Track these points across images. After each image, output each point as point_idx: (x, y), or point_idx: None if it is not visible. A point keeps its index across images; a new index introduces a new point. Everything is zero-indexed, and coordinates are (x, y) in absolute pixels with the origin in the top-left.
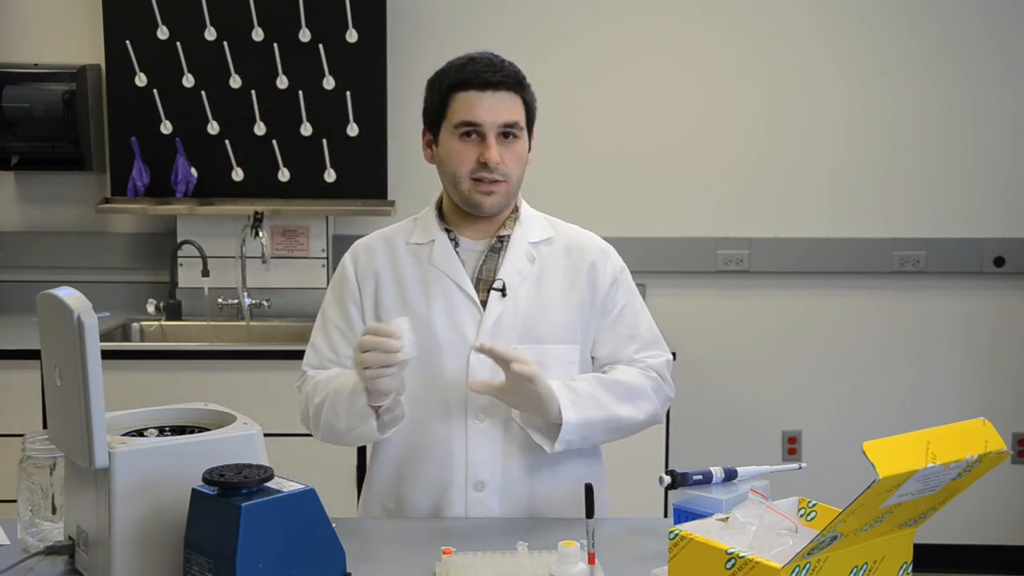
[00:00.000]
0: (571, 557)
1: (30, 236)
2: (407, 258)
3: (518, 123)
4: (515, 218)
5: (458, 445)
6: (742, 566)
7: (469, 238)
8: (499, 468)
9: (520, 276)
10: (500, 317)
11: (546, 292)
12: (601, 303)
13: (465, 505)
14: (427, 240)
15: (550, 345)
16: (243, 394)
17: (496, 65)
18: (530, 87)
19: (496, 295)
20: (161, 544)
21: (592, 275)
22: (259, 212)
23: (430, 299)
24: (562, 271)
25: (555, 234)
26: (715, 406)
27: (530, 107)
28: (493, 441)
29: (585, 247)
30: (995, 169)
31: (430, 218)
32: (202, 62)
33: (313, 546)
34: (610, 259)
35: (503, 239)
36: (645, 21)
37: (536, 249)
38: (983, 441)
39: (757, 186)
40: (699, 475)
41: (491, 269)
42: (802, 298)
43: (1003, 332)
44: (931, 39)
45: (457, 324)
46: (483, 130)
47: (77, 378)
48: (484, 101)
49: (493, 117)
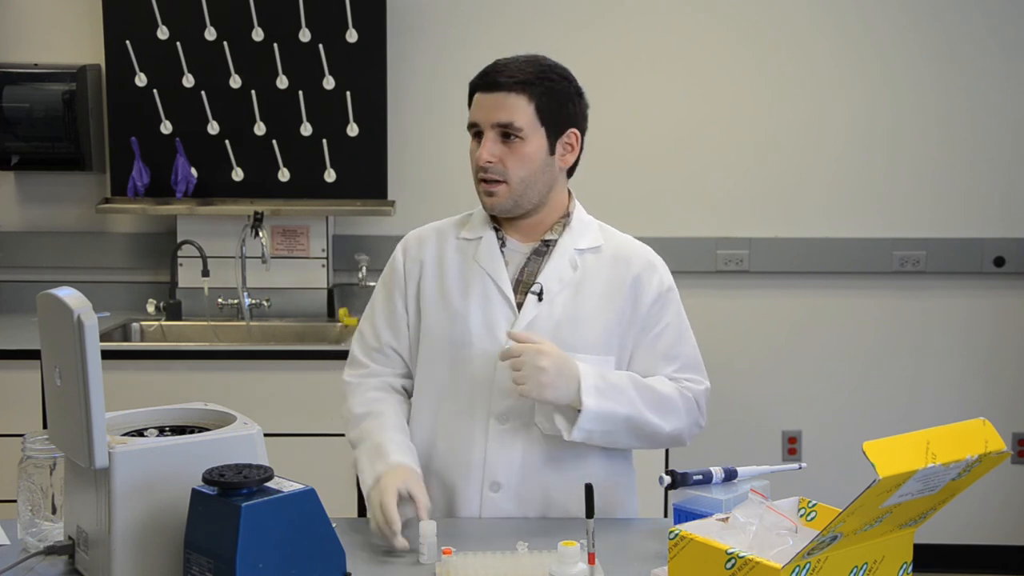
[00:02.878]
0: (571, 557)
1: (30, 236)
2: (454, 252)
3: (513, 123)
4: (565, 223)
5: (478, 445)
6: (742, 566)
7: (516, 239)
8: (517, 471)
9: (560, 282)
10: (534, 321)
11: (585, 300)
12: (643, 318)
13: (480, 505)
14: (475, 236)
15: (583, 354)
16: (243, 394)
17: (506, 66)
18: (553, 88)
19: (532, 299)
20: (161, 544)
21: (635, 288)
22: (259, 212)
23: (468, 295)
24: (605, 281)
25: (604, 243)
26: (715, 406)
27: (546, 108)
28: (513, 444)
29: (632, 259)
30: (995, 169)
31: (481, 214)
32: (202, 62)
33: (313, 546)
34: (657, 274)
35: (549, 243)
36: (645, 21)
37: (581, 257)
38: (983, 441)
39: (757, 186)
40: (699, 475)
41: (532, 272)
42: (802, 298)
43: (1003, 332)
44: (931, 39)
45: (490, 323)
46: (481, 130)
47: (77, 378)
48: (485, 102)
49: (487, 117)
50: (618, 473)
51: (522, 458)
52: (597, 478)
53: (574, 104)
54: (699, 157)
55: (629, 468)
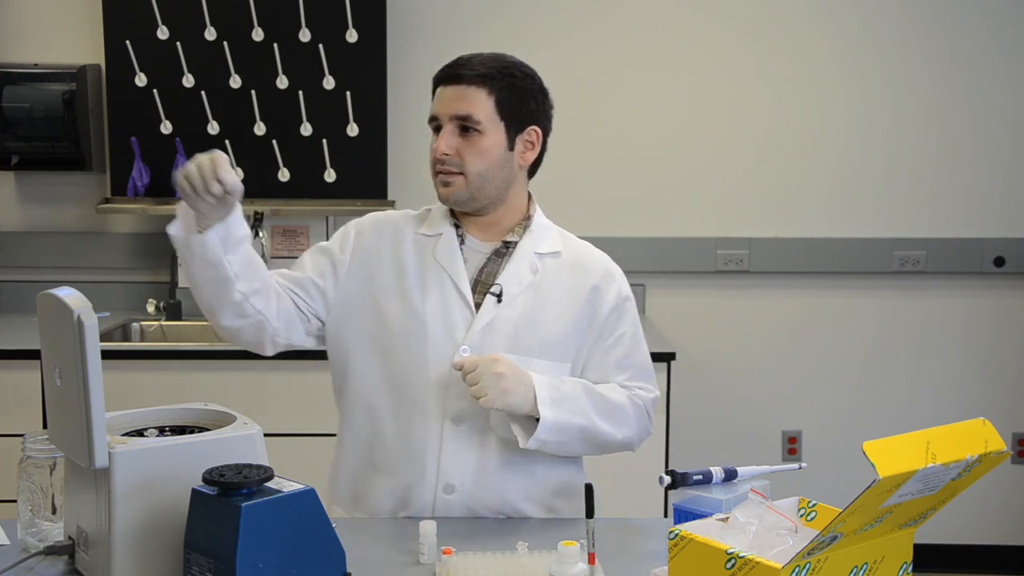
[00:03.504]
0: (571, 557)
1: (30, 236)
2: (411, 246)
3: (472, 116)
4: (525, 226)
5: (432, 447)
6: (742, 566)
7: (475, 237)
8: (471, 474)
9: (520, 285)
10: (491, 322)
11: (543, 305)
12: (599, 327)
13: (433, 507)
14: (435, 233)
15: (538, 360)
16: (243, 394)
17: (468, 60)
18: (515, 83)
19: (491, 300)
20: (161, 544)
21: (594, 297)
22: (259, 212)
23: (425, 292)
24: (563, 287)
25: (564, 249)
26: (715, 406)
27: (507, 103)
28: (469, 447)
29: (591, 267)
30: (995, 169)
31: (442, 211)
32: (202, 62)
33: (313, 546)
34: (616, 283)
35: (509, 245)
36: (645, 21)
37: (541, 261)
38: (983, 441)
39: (757, 186)
40: (699, 475)
41: (491, 273)
42: (802, 298)
43: (1003, 332)
44: (931, 39)
45: (448, 323)
46: (441, 123)
47: (77, 378)
48: (444, 95)
49: (447, 109)
50: (571, 475)
51: (477, 461)
52: (549, 482)
53: (536, 102)
54: (699, 157)
55: (580, 472)
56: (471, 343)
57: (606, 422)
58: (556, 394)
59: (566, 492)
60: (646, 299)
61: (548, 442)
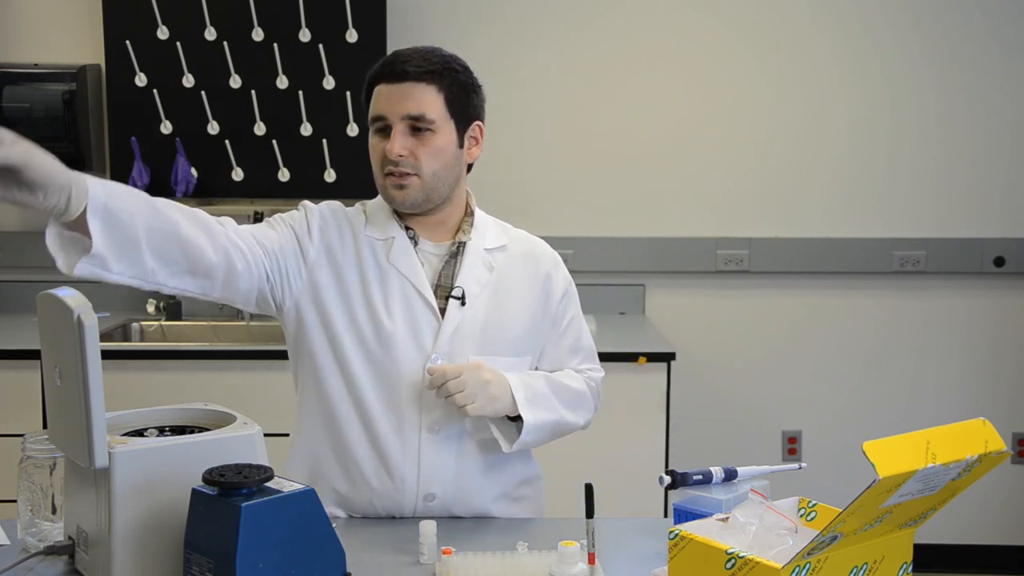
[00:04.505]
0: (571, 557)
1: (30, 236)
2: (366, 250)
3: (424, 115)
4: (470, 223)
5: (411, 457)
6: (742, 566)
7: (427, 239)
8: (451, 481)
9: (478, 284)
10: (459, 327)
11: (504, 302)
12: (552, 314)
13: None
14: (385, 236)
15: (505, 357)
16: (243, 394)
17: (408, 56)
18: (459, 78)
19: (455, 303)
20: (161, 544)
21: (547, 286)
22: (259, 212)
23: (387, 300)
24: (519, 281)
25: (508, 241)
26: (715, 406)
27: (455, 100)
28: (446, 454)
29: (539, 256)
30: (995, 169)
31: (385, 212)
32: (202, 62)
33: (313, 546)
34: (561, 269)
35: (461, 245)
36: (645, 21)
37: (493, 257)
38: (983, 441)
39: (757, 186)
40: (699, 475)
41: (448, 275)
42: (802, 298)
43: (1003, 332)
44: (931, 39)
45: (415, 330)
46: (389, 123)
47: (77, 378)
48: (391, 93)
49: (396, 109)
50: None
51: (456, 468)
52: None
53: (477, 96)
54: (699, 157)
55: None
56: (440, 350)
57: (571, 412)
58: (530, 393)
59: (529, 480)
60: (646, 299)
61: (529, 443)
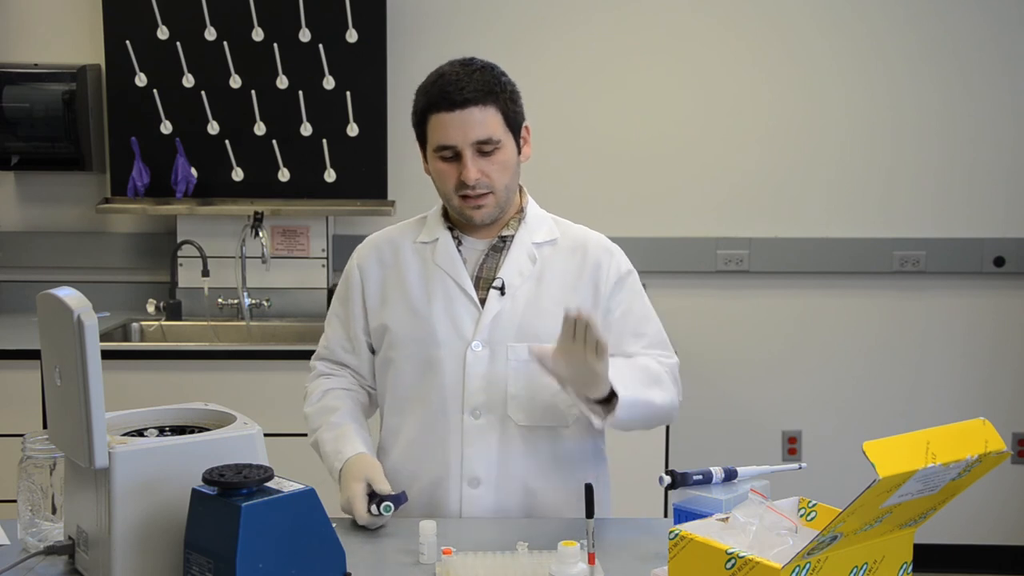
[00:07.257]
0: (571, 557)
1: (30, 236)
2: (412, 256)
3: (492, 137)
4: (520, 218)
5: (454, 442)
6: (742, 566)
7: (472, 237)
8: (495, 465)
9: (520, 276)
10: (498, 315)
11: (547, 292)
12: (605, 301)
13: (460, 502)
14: (432, 239)
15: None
16: (243, 394)
17: (462, 80)
18: (507, 89)
19: (495, 293)
20: (161, 544)
21: (595, 275)
22: (259, 212)
23: (430, 297)
24: (565, 271)
25: (560, 235)
26: (715, 406)
27: (509, 112)
28: (489, 438)
29: (590, 247)
30: (995, 169)
31: (436, 217)
32: (202, 62)
33: (313, 546)
34: (615, 259)
35: (506, 239)
36: (645, 21)
37: (539, 250)
38: (983, 441)
39: (757, 186)
40: (699, 475)
41: (492, 268)
42: (802, 298)
43: (1003, 332)
44: (931, 39)
45: (455, 322)
46: (459, 150)
47: (77, 378)
48: (454, 121)
49: (464, 137)
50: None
51: (498, 452)
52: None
53: (519, 98)
54: (699, 157)
55: (603, 460)
56: (480, 338)
57: (655, 391)
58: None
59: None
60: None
61: (622, 421)
